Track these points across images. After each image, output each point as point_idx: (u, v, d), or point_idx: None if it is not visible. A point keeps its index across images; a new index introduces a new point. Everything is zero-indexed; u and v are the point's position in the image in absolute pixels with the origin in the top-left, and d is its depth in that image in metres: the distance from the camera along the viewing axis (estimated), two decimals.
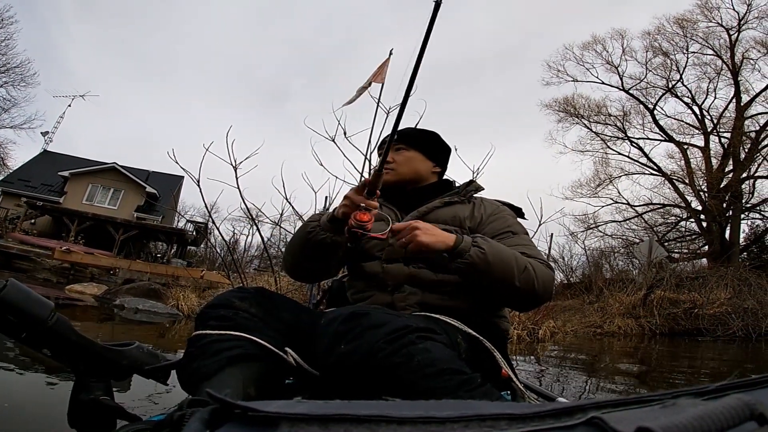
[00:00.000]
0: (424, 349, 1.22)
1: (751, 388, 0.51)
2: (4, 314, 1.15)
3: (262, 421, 0.43)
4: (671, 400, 0.45)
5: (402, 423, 0.42)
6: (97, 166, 33.69)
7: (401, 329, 1.24)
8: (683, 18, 26.21)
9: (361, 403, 0.46)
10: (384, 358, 1.19)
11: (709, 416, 0.38)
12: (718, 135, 25.93)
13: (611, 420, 0.39)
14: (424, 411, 0.43)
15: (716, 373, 6.41)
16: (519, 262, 1.61)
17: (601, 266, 20.24)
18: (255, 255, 30.70)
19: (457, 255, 1.58)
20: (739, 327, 10.57)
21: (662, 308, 11.68)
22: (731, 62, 25.13)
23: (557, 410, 0.44)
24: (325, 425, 0.42)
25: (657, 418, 0.38)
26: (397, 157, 2.07)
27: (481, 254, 1.56)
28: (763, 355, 8.81)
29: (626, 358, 7.61)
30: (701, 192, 25.35)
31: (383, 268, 1.83)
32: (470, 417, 0.42)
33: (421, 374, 1.16)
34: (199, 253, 33.61)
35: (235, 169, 6.09)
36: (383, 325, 1.26)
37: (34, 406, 2.47)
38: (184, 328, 7.29)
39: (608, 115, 28.74)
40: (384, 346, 1.20)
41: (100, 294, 9.81)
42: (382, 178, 1.71)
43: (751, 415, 0.39)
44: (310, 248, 1.84)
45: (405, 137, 2.09)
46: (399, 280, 1.79)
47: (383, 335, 1.22)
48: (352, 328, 1.28)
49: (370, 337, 1.23)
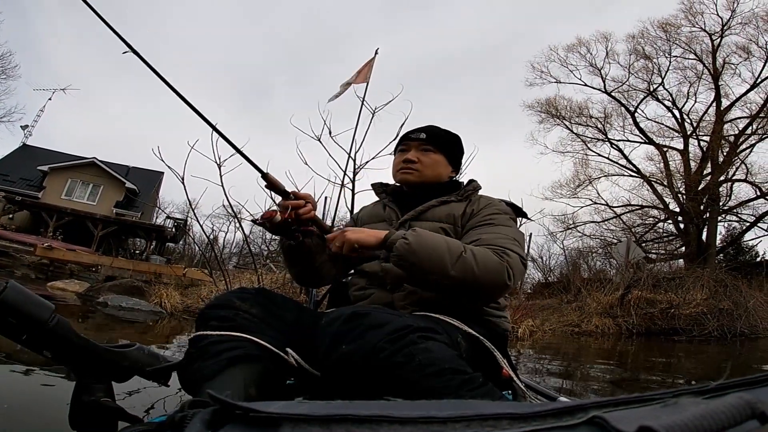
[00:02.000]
0: (425, 349, 1.22)
1: (752, 387, 0.51)
2: (5, 316, 1.15)
3: (264, 422, 0.44)
4: (672, 399, 0.45)
5: (403, 423, 0.42)
6: (76, 161, 33.25)
7: (402, 329, 1.25)
8: (667, 22, 26.46)
9: (363, 403, 0.47)
10: (385, 358, 1.19)
11: (711, 415, 0.38)
12: (698, 138, 26.27)
13: (613, 419, 0.40)
14: (426, 411, 0.44)
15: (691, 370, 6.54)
16: (452, 250, 1.55)
17: (580, 266, 20.43)
18: (234, 252, 30.51)
19: (388, 249, 1.58)
20: (715, 327, 10.67)
21: (639, 308, 11.73)
22: (713, 67, 25.42)
23: (558, 410, 0.44)
24: (326, 425, 0.42)
25: (659, 417, 0.38)
26: (424, 158, 2.02)
27: (405, 245, 1.53)
28: (737, 354, 8.97)
29: (603, 357, 7.73)
30: (679, 194, 25.70)
31: (382, 267, 1.83)
32: (471, 417, 0.43)
33: (422, 374, 1.16)
34: (178, 250, 33.35)
35: (219, 166, 6.08)
36: (384, 325, 1.26)
37: (35, 407, 2.46)
38: (167, 326, 7.26)
39: (590, 117, 28.97)
40: (385, 345, 1.21)
41: (83, 291, 9.67)
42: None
43: (752, 414, 0.39)
44: (285, 256, 1.97)
45: (435, 138, 2.05)
46: (398, 279, 1.78)
47: (384, 335, 1.23)
48: (353, 328, 1.28)
49: (372, 337, 1.24)
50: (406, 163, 2.03)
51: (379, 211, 2.12)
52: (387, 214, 2.06)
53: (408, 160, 2.02)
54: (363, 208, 2.28)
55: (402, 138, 2.13)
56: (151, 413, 2.23)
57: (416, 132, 2.07)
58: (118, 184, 33.60)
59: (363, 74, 6.39)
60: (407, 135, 2.10)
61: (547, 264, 21.56)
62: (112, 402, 1.32)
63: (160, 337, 6.09)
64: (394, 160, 2.13)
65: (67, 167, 32.81)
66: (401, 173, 2.04)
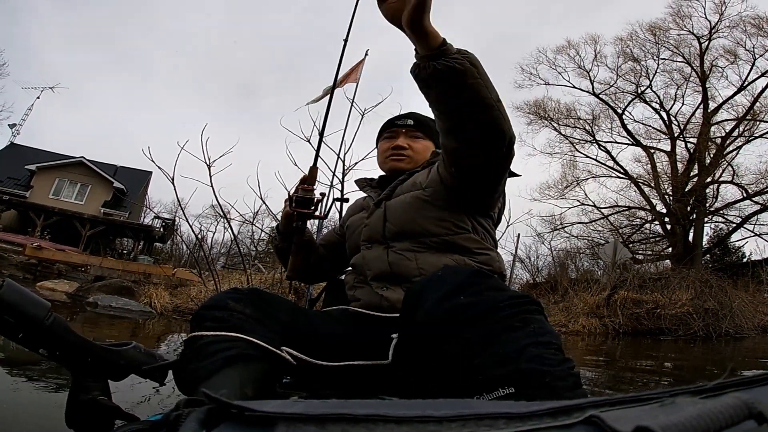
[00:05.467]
0: (539, 320, 1.21)
1: (749, 387, 0.50)
2: (1, 314, 1.14)
3: (259, 421, 0.44)
4: (669, 398, 0.45)
5: (399, 422, 0.42)
6: (64, 160, 32.98)
7: (521, 297, 1.25)
8: (655, 25, 26.62)
9: (358, 402, 0.46)
10: (504, 318, 1.17)
11: (708, 415, 0.38)
12: (685, 140, 26.45)
13: (609, 419, 0.40)
14: (422, 410, 0.43)
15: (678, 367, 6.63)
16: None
17: (567, 266, 20.55)
18: (222, 252, 30.44)
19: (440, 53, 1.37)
20: (700, 327, 10.78)
21: (625, 308, 11.81)
22: (700, 70, 25.60)
23: (555, 409, 0.44)
24: (321, 425, 0.42)
25: (656, 417, 0.39)
26: (415, 144, 2.02)
27: (466, 53, 1.40)
28: (723, 354, 9.07)
29: (591, 355, 7.81)
30: (666, 195, 25.87)
31: (363, 255, 1.84)
32: (467, 416, 0.43)
33: (534, 340, 1.14)
34: (166, 250, 33.23)
35: (209, 167, 6.09)
36: (505, 290, 1.27)
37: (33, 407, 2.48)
38: (157, 325, 7.28)
39: (577, 119, 29.09)
40: (506, 307, 1.20)
41: (72, 291, 9.62)
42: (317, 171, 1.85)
43: (749, 414, 0.39)
44: (278, 256, 2.06)
45: (424, 124, 2.04)
46: (379, 270, 1.76)
47: (506, 298, 1.22)
48: (475, 284, 1.27)
49: (493, 297, 1.23)
50: (396, 149, 2.01)
51: (361, 201, 2.13)
52: (367, 202, 2.04)
53: (398, 146, 2.01)
54: (349, 207, 2.26)
55: (386, 125, 2.11)
56: (147, 412, 2.22)
57: (402, 118, 2.06)
58: (106, 183, 33.37)
59: (353, 76, 6.39)
60: (392, 122, 2.09)
61: (534, 264, 21.69)
62: (109, 400, 1.31)
63: (151, 338, 6.10)
64: (380, 148, 2.11)
65: (55, 166, 32.56)
66: (392, 160, 2.02)
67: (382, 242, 1.81)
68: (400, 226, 1.77)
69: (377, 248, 1.81)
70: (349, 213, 2.15)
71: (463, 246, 1.73)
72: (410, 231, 1.76)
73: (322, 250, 2.18)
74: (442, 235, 1.73)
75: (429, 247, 1.73)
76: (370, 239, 1.85)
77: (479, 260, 1.73)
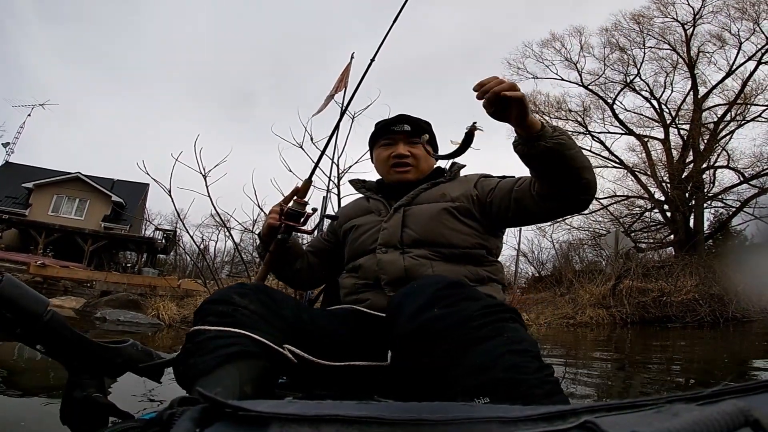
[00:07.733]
0: (513, 328, 1.23)
1: (745, 394, 0.51)
2: (0, 309, 1.13)
3: (253, 421, 0.44)
4: (666, 405, 0.45)
5: (393, 425, 0.43)
6: (60, 176, 32.73)
7: (496, 306, 1.27)
8: (639, 14, 26.62)
9: (353, 404, 0.47)
10: (476, 328, 1.19)
11: (704, 422, 0.38)
12: (677, 127, 26.44)
13: (604, 424, 0.40)
14: (416, 413, 0.44)
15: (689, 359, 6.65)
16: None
17: (571, 259, 20.59)
18: (226, 261, 30.43)
19: (542, 135, 1.50)
20: (707, 312, 10.82)
21: (631, 297, 11.89)
22: (687, 56, 25.62)
23: (550, 414, 0.44)
24: (316, 426, 0.42)
25: (651, 424, 0.39)
26: (416, 151, 2.02)
27: (563, 133, 1.54)
28: (732, 339, 9.08)
29: (601, 347, 7.84)
30: (663, 183, 25.86)
31: (378, 259, 1.82)
32: (461, 420, 0.44)
33: (508, 348, 1.15)
34: (169, 261, 33.19)
35: (204, 177, 6.10)
36: (479, 300, 1.29)
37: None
38: (166, 337, 7.32)
39: (569, 111, 29.07)
40: (478, 317, 1.21)
41: (80, 307, 9.66)
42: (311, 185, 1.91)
43: (745, 421, 0.39)
44: (287, 254, 2.03)
45: (421, 129, 2.03)
46: (394, 275, 1.76)
47: (480, 308, 1.24)
48: (450, 296, 1.28)
49: (467, 307, 1.24)
50: (398, 158, 2.00)
51: (363, 203, 2.10)
52: (373, 205, 2.03)
53: (400, 155, 2.00)
54: (343, 208, 2.27)
55: (381, 130, 2.11)
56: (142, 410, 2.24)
57: (398, 124, 2.05)
58: (104, 197, 33.22)
59: (343, 82, 6.43)
60: (388, 128, 2.07)
61: (538, 258, 21.69)
62: (104, 398, 1.29)
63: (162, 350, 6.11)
64: (378, 155, 2.09)
65: (52, 183, 32.35)
66: (397, 173, 2.02)
67: (398, 247, 1.82)
68: (421, 233, 1.81)
69: (393, 253, 1.81)
70: (348, 214, 2.10)
71: (476, 257, 1.80)
72: (431, 240, 1.79)
73: (311, 257, 2.16)
74: (462, 247, 1.79)
75: (446, 256, 1.77)
76: (387, 243, 1.84)
77: (489, 270, 1.81)
